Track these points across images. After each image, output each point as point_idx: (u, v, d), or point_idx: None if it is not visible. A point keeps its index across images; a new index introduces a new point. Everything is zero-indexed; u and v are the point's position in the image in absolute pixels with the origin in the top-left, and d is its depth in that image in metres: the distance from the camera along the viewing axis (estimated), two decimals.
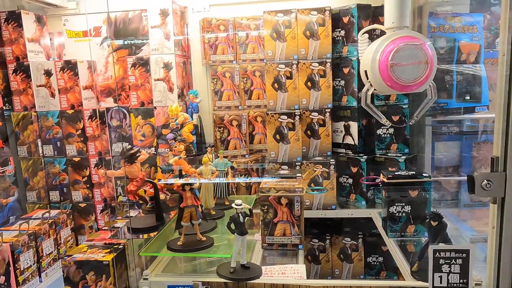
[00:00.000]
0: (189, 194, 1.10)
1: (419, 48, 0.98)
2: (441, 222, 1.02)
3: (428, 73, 0.99)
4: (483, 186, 0.85)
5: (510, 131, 0.83)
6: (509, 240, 0.87)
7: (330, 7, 1.57)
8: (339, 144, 1.67)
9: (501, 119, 0.86)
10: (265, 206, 1.22)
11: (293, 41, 1.59)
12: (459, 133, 1.70)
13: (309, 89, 1.60)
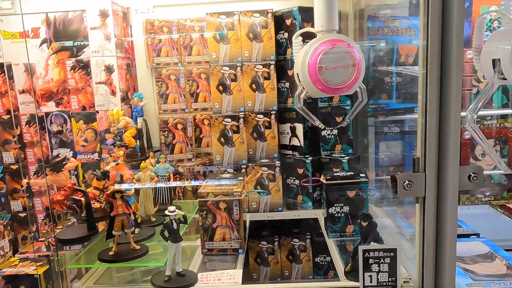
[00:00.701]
0: (120, 202, 1.06)
1: (346, 51, 0.99)
2: (371, 222, 1.04)
3: (356, 75, 1.01)
4: (405, 186, 0.87)
5: (428, 134, 0.86)
6: (431, 238, 0.90)
7: (273, 9, 1.57)
8: (286, 146, 1.68)
9: (420, 122, 0.89)
10: (203, 211, 1.20)
11: (236, 43, 1.58)
12: (400, 133, 1.75)
13: (254, 91, 1.60)
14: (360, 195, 1.25)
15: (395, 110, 1.62)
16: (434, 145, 0.86)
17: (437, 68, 0.84)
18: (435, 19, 0.83)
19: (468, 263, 1.22)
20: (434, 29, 0.84)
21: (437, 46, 0.83)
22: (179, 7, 1.71)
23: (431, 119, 0.86)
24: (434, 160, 0.86)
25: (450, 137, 0.84)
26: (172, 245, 1.04)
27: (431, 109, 0.85)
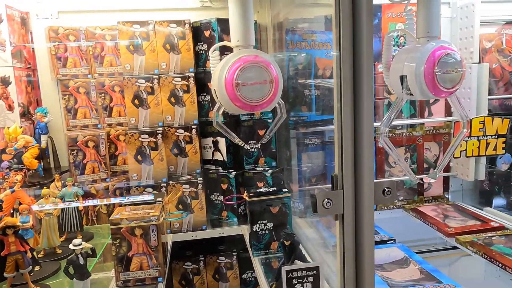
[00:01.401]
0: (12, 239, 0.92)
1: (264, 67, 0.97)
2: (293, 240, 1.03)
3: (274, 91, 0.99)
4: (324, 204, 0.86)
5: (344, 151, 0.87)
6: (350, 254, 0.91)
7: (190, 20, 1.51)
8: (208, 161, 1.63)
9: (336, 138, 0.90)
10: (117, 240, 1.10)
11: (152, 54, 1.49)
12: (321, 144, 1.79)
13: (173, 105, 1.52)
14: (284, 211, 1.23)
15: (316, 122, 1.65)
16: (350, 161, 0.87)
17: (350, 81, 0.85)
18: (346, 33, 0.84)
19: (386, 270, 1.27)
20: (346, 42, 0.84)
21: (349, 59, 0.84)
22: (87, 14, 1.57)
23: (347, 134, 0.86)
24: (350, 177, 0.87)
25: (364, 152, 0.86)
26: (79, 283, 0.92)
27: (346, 125, 0.86)
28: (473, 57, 1.72)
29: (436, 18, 1.07)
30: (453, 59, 1.05)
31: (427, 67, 1.03)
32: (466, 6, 1.73)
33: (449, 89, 1.06)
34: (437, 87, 1.04)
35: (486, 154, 1.74)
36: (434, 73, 1.03)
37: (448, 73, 1.05)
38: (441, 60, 1.04)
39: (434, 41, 1.07)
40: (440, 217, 1.68)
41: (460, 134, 1.19)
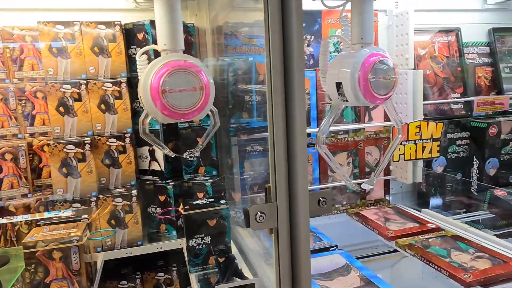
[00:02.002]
0: None
1: (193, 73, 0.91)
2: (227, 257, 0.97)
3: (205, 99, 0.93)
4: (257, 218, 0.82)
5: (277, 161, 0.83)
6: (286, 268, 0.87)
7: (121, 21, 1.41)
8: (145, 171, 1.53)
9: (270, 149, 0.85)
10: (32, 265, 0.98)
11: (79, 58, 1.38)
12: (263, 150, 1.76)
13: (103, 112, 1.41)
14: (222, 223, 1.18)
15: (257, 129, 1.61)
16: (284, 172, 0.83)
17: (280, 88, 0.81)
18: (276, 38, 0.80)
19: (327, 279, 1.25)
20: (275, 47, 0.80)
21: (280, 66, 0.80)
22: (3, 12, 1.42)
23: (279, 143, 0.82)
24: (284, 188, 0.83)
25: (298, 162, 0.82)
26: None
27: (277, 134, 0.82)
28: (409, 64, 1.77)
29: (369, 24, 1.07)
30: (386, 66, 1.05)
31: (362, 73, 1.03)
32: (401, 14, 1.78)
33: (383, 95, 1.06)
34: (371, 93, 1.04)
35: (422, 157, 1.79)
36: (368, 79, 1.02)
37: (382, 80, 1.04)
38: (375, 67, 1.03)
39: (368, 47, 1.06)
40: (381, 220, 1.70)
41: (395, 140, 1.20)
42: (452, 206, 1.91)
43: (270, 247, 1.46)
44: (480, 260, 1.29)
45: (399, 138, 1.20)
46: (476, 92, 2.00)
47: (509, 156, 1.85)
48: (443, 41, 1.95)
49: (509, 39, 2.04)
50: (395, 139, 1.20)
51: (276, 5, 0.78)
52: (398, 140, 1.19)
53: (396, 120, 1.18)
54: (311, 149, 1.80)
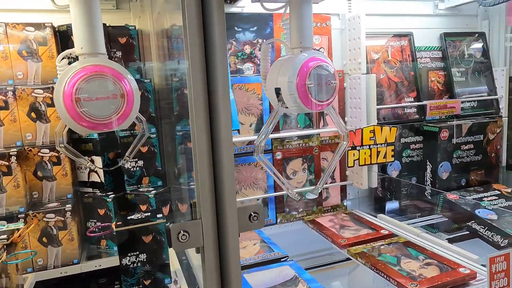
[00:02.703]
0: None
1: (112, 79, 0.83)
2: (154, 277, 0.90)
3: (127, 107, 0.86)
4: (180, 238, 0.75)
5: (200, 175, 0.76)
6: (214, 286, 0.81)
7: (52, 23, 1.32)
8: (85, 183, 1.43)
9: (194, 163, 0.78)
10: None
11: (4, 62, 1.27)
12: None
13: (34, 121, 1.30)
14: (158, 239, 1.10)
15: None
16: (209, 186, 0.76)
17: (202, 95, 0.74)
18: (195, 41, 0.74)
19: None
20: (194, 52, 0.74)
21: (201, 71, 0.74)
22: None
23: (202, 155, 0.75)
24: (210, 204, 0.77)
25: (224, 175, 0.76)
26: None
27: (201, 144, 0.75)
28: (361, 68, 1.75)
29: (308, 28, 1.03)
30: (325, 71, 1.01)
31: (299, 79, 0.98)
32: (353, 18, 1.76)
33: (323, 102, 1.02)
34: (310, 100, 0.99)
35: (377, 162, 1.78)
36: (306, 85, 0.98)
37: (321, 86, 1.00)
38: (313, 72, 0.99)
39: (307, 52, 1.02)
40: (336, 227, 1.67)
41: (340, 147, 1.17)
42: (408, 210, 1.91)
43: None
44: (429, 267, 1.27)
45: (344, 145, 1.16)
46: (429, 96, 2.01)
47: (461, 160, 1.86)
48: (396, 45, 1.95)
49: (460, 44, 2.07)
50: (340, 145, 1.16)
51: (195, 8, 0.72)
52: (343, 147, 1.16)
53: (340, 127, 1.14)
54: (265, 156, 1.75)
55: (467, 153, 1.87)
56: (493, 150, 1.93)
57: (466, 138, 1.85)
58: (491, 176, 1.95)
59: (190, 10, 0.71)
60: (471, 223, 1.62)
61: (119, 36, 1.42)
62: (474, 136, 1.87)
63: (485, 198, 1.75)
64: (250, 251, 1.46)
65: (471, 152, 1.87)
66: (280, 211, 1.81)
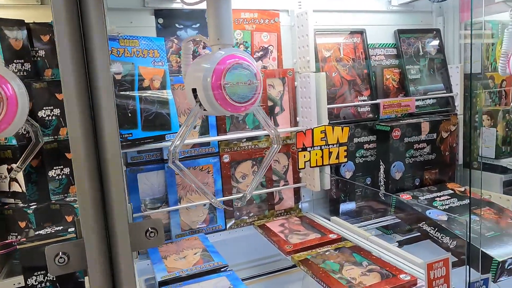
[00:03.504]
0: None
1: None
2: None
3: (8, 113, 0.76)
4: (57, 261, 0.66)
5: (80, 192, 0.67)
6: None
7: None
8: (6, 193, 1.32)
9: (75, 175, 0.70)
10: None
11: None
12: (158, 161, 1.61)
13: None
14: None
15: (143, 139, 1.45)
16: (92, 199, 0.68)
17: (79, 97, 0.66)
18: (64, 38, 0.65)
19: None
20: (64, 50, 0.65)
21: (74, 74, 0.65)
22: None
23: (82, 167, 0.67)
24: (94, 220, 0.68)
25: (111, 187, 0.68)
26: None
27: (77, 151, 0.66)
28: (310, 66, 1.69)
29: (227, 24, 0.95)
30: (245, 70, 0.94)
31: (215, 78, 0.90)
32: (302, 14, 1.70)
33: (243, 103, 0.95)
34: (227, 101, 0.92)
35: (329, 163, 1.72)
36: (221, 85, 0.90)
37: (240, 85, 0.93)
38: (231, 71, 0.92)
39: (225, 49, 0.94)
40: (285, 232, 1.60)
41: (270, 150, 1.10)
42: (363, 212, 1.86)
43: (159, 271, 1.31)
44: (370, 274, 1.22)
45: (275, 148, 1.09)
46: (385, 94, 1.97)
47: (414, 159, 1.82)
48: (349, 42, 1.90)
49: (414, 41, 2.03)
50: (270, 149, 1.09)
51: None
52: (273, 151, 1.09)
53: (269, 130, 1.07)
54: (211, 159, 1.67)
55: (420, 152, 1.83)
56: (447, 148, 1.90)
57: (419, 137, 1.81)
58: (446, 175, 1.92)
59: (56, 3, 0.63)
60: (422, 225, 1.58)
61: (43, 34, 1.32)
62: (427, 135, 1.83)
63: (438, 198, 1.72)
64: (189, 261, 1.38)
65: (425, 151, 1.84)
66: (230, 216, 1.73)
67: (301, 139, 1.65)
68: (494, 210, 1.61)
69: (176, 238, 1.63)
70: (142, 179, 1.58)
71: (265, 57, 1.75)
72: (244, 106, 0.95)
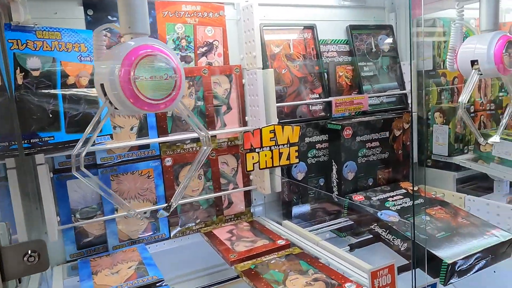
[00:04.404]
0: None
1: None
2: None
3: None
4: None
5: None
6: None
7: None
8: None
9: None
10: None
11: None
12: (93, 166, 1.46)
13: None
14: None
15: (67, 143, 1.30)
16: None
17: None
18: None
19: None
20: None
21: None
22: None
23: None
24: None
25: None
26: None
27: None
28: (257, 62, 1.60)
29: (140, 9, 0.84)
30: (161, 63, 0.82)
31: (124, 72, 0.78)
32: (247, 8, 1.60)
33: (159, 100, 0.83)
34: (139, 98, 0.80)
35: (280, 164, 1.63)
36: (130, 79, 0.78)
37: (154, 80, 0.81)
38: (142, 64, 0.80)
39: (138, 39, 0.83)
40: (232, 240, 1.50)
41: (199, 153, 0.99)
42: (316, 214, 1.79)
43: None
44: (315, 284, 1.13)
45: (204, 150, 0.98)
46: (337, 92, 1.90)
47: (367, 158, 1.77)
48: (299, 38, 1.82)
49: (367, 37, 1.98)
50: (199, 152, 0.98)
51: None
52: (202, 153, 0.98)
53: (197, 131, 0.96)
54: (152, 163, 1.55)
55: (373, 151, 1.77)
56: (400, 147, 1.86)
57: (371, 136, 1.76)
58: (400, 174, 1.88)
59: None
60: (374, 226, 1.52)
61: None
62: (380, 133, 1.78)
63: (391, 198, 1.67)
64: (122, 276, 1.25)
65: (377, 150, 1.78)
66: (174, 223, 1.61)
67: (248, 139, 1.56)
68: (446, 210, 1.58)
69: (113, 250, 1.49)
70: (73, 187, 1.43)
71: (210, 53, 1.64)
72: (162, 103, 0.84)
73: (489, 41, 1.28)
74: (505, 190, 1.94)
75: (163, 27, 1.55)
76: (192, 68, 1.59)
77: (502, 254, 1.38)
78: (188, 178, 0.98)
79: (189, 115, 0.94)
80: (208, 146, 0.97)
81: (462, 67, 1.38)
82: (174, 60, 0.84)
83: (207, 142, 0.97)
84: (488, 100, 2.31)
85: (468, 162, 1.94)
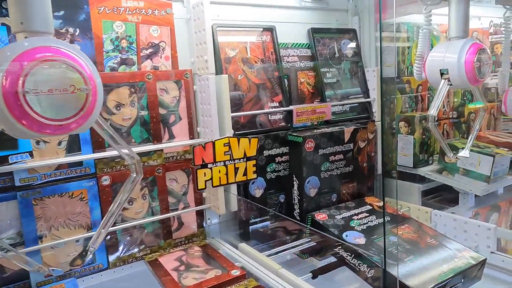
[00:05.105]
0: None
1: None
2: None
3: None
4: None
5: None
6: None
7: None
8: None
9: None
10: None
11: None
12: (10, 189, 1.23)
13: None
14: None
15: None
16: None
17: None
18: None
19: None
20: None
21: None
22: None
23: None
24: None
25: None
26: None
27: None
28: (209, 67, 1.42)
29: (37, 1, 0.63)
30: (67, 71, 0.62)
31: (9, 83, 0.58)
32: (197, 6, 1.42)
33: (65, 120, 0.63)
34: (31, 117, 0.60)
35: (236, 181, 1.46)
36: (19, 93, 0.58)
37: (54, 94, 0.61)
38: (37, 72, 0.60)
39: (33, 38, 0.62)
40: (180, 270, 1.31)
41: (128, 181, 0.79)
42: (276, 235, 1.63)
43: None
44: None
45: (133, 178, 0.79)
46: (299, 100, 1.76)
47: (330, 173, 1.63)
48: (257, 41, 1.66)
49: (330, 41, 1.85)
50: (127, 180, 0.79)
51: None
52: (131, 182, 0.79)
53: (123, 155, 0.77)
54: (85, 182, 1.33)
55: (337, 165, 1.64)
56: (364, 159, 1.74)
57: (334, 148, 1.62)
58: (365, 187, 1.76)
59: None
60: (338, 249, 1.38)
61: None
62: (343, 146, 1.65)
63: (356, 216, 1.54)
64: None
65: (341, 163, 1.65)
66: (113, 251, 1.39)
67: (200, 154, 1.38)
68: (413, 228, 1.47)
69: (37, 287, 1.26)
70: None
71: (155, 56, 1.44)
72: (73, 123, 0.64)
73: (459, 49, 1.18)
74: (471, 202, 1.88)
75: (98, 25, 1.34)
76: (134, 73, 1.38)
77: (474, 277, 1.28)
78: (112, 213, 0.79)
79: (112, 133, 0.74)
80: (139, 173, 0.78)
81: (430, 76, 1.27)
82: (86, 68, 0.64)
83: (138, 169, 0.78)
84: (451, 108, 2.26)
85: (434, 174, 1.86)
